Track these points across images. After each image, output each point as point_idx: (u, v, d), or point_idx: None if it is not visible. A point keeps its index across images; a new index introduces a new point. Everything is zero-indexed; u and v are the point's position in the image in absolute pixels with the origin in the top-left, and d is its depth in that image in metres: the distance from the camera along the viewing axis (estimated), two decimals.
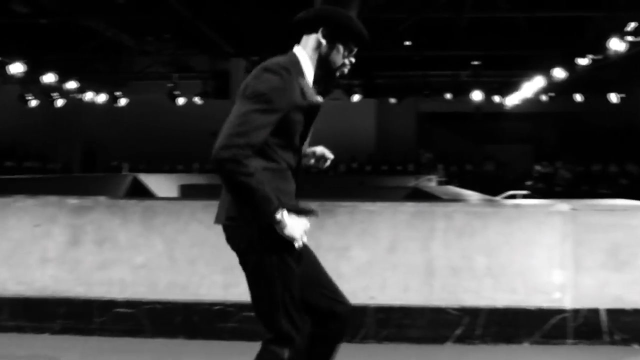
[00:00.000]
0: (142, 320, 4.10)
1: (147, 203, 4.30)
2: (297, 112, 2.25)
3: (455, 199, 5.00)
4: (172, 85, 17.13)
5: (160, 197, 7.94)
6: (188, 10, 11.42)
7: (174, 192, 11.53)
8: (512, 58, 15.31)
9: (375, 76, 16.45)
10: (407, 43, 13.85)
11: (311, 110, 2.33)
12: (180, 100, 17.52)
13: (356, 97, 17.00)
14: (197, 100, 17.58)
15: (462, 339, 4.04)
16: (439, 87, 17.66)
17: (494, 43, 14.16)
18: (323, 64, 2.40)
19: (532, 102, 18.05)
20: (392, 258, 4.07)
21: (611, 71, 14.46)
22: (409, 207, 4.10)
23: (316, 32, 2.37)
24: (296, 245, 2.21)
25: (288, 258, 2.23)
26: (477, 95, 17.41)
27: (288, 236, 2.18)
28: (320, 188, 11.09)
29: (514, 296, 4.07)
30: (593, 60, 12.77)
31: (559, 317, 4.04)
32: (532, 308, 4.05)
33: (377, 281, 4.04)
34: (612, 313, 4.03)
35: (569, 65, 13.60)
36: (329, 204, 4.16)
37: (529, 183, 17.13)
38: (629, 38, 11.05)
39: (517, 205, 4.15)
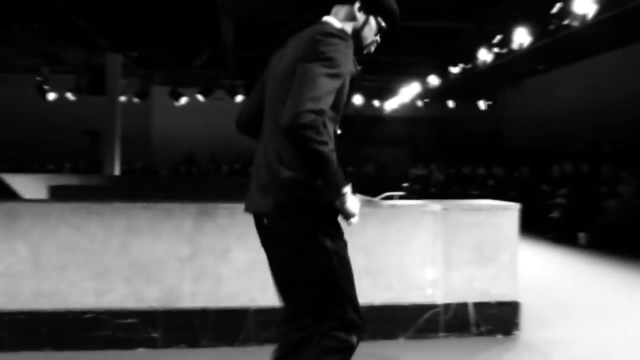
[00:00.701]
0: (1, 333, 3.79)
1: (9, 205, 3.97)
2: (349, 80, 2.15)
3: None
4: (41, 79, 16.01)
5: (25, 199, 7.38)
6: None
7: (42, 194, 10.79)
8: (391, 64, 15.87)
9: (259, 77, 16.30)
10: None
11: (356, 80, 2.24)
12: (51, 96, 16.42)
13: (240, 98, 16.85)
14: (69, 95, 16.57)
15: None
16: None
17: (375, 49, 14.62)
18: (354, 37, 2.27)
19: (409, 107, 18.88)
20: None
21: (480, 80, 15.43)
22: None
23: (351, 3, 2.27)
24: (354, 221, 2.11)
25: (344, 245, 2.15)
26: (357, 99, 17.89)
27: (348, 211, 2.07)
28: (201, 190, 10.87)
29: (390, 293, 4.21)
30: (464, 68, 13.55)
31: (431, 312, 4.23)
32: (407, 304, 4.22)
33: (259, 283, 4.00)
34: (479, 306, 4.29)
35: (443, 73, 14.34)
36: (209, 206, 4.07)
37: (406, 184, 17.87)
38: (495, 49, 11.85)
39: (393, 206, 4.28)
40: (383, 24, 2.36)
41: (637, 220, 8.00)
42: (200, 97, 16.62)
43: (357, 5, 2.28)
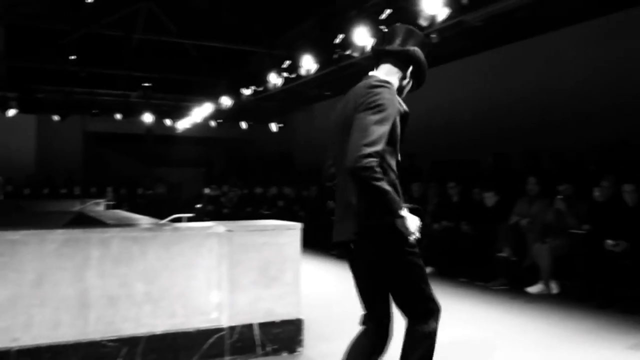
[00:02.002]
0: None
1: None
2: (398, 118, 2.58)
3: (118, 224, 4.77)
4: None
5: None
6: None
7: None
8: (183, 83, 15.67)
9: (35, 90, 15.01)
10: (73, 57, 12.99)
11: (405, 117, 2.66)
12: None
13: (12, 112, 15.26)
14: None
15: None
16: (108, 106, 17.02)
17: (165, 66, 14.30)
18: (398, 86, 2.75)
19: (202, 127, 18.73)
20: (40, 292, 3.67)
21: (271, 102, 15.90)
22: (59, 234, 3.74)
23: (405, 67, 2.76)
24: (413, 237, 2.55)
25: (417, 253, 2.62)
26: (148, 118, 17.29)
27: (407, 229, 2.51)
28: None
29: (173, 320, 4.05)
30: (255, 91, 13.86)
31: (216, 336, 4.15)
32: (191, 330, 4.09)
33: (22, 320, 3.58)
34: (264, 326, 4.31)
35: (235, 94, 14.51)
36: None
37: (199, 205, 17.63)
38: (285, 74, 12.31)
39: (176, 229, 4.14)
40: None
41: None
42: None
43: (408, 70, 2.79)
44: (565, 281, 6.68)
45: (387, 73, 2.75)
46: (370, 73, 2.77)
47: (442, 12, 7.73)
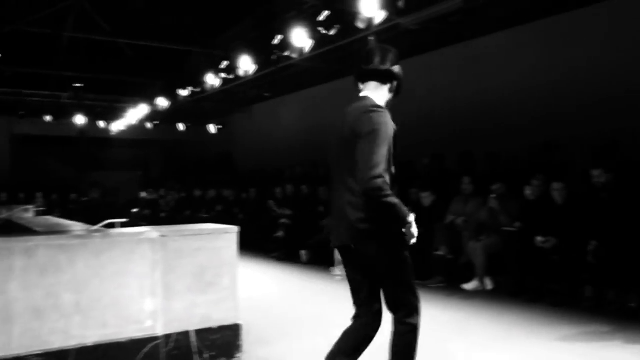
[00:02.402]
0: None
1: None
2: (392, 139, 2.91)
3: (45, 232, 4.56)
4: None
5: None
6: None
7: None
8: (117, 83, 15.21)
9: None
10: None
11: (396, 134, 2.96)
12: None
13: None
14: None
15: None
16: (38, 108, 16.33)
17: (98, 66, 13.85)
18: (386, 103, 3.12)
19: (138, 129, 18.22)
20: None
21: (209, 103, 15.65)
22: None
23: (390, 83, 3.12)
24: (414, 240, 2.97)
25: (407, 252, 3.01)
26: (80, 119, 16.70)
27: (411, 234, 2.93)
28: None
29: (105, 330, 3.90)
30: (193, 92, 13.60)
31: (151, 345, 4.03)
32: (125, 340, 3.95)
33: None
34: (201, 333, 4.22)
35: (172, 95, 14.20)
36: None
37: (135, 210, 17.17)
38: (223, 75, 12.13)
39: (106, 236, 3.99)
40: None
41: None
42: None
43: (391, 86, 3.14)
44: (499, 277, 6.87)
45: (374, 90, 3.11)
46: (362, 94, 3.12)
47: (379, 15, 7.80)
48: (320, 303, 6.49)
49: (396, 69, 3.14)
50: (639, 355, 4.24)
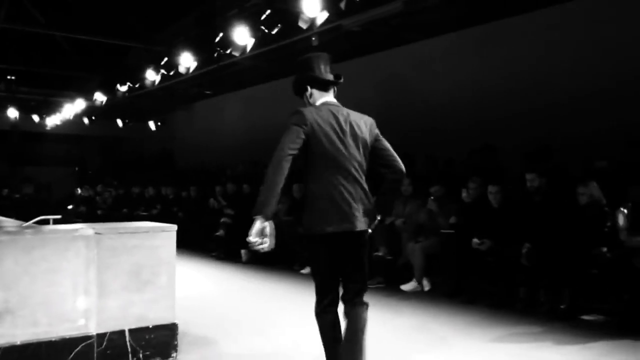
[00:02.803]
0: None
1: None
2: None
3: None
4: None
5: None
6: None
7: None
8: (53, 77, 14.71)
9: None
10: None
11: None
12: None
13: None
14: None
15: None
16: None
17: (32, 59, 13.35)
18: None
19: (74, 124, 17.65)
20: None
21: (149, 99, 15.33)
22: None
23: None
24: None
25: None
26: (12, 113, 16.04)
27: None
28: None
29: (35, 329, 3.77)
30: (132, 87, 13.30)
31: (83, 344, 3.91)
32: (56, 339, 3.82)
33: None
34: (136, 332, 4.13)
35: (110, 90, 13.84)
36: None
37: (71, 207, 16.66)
38: (163, 71, 11.92)
39: (37, 232, 3.85)
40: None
41: (288, 236, 8.82)
42: None
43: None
44: (436, 278, 7.01)
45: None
46: (333, 100, 3.31)
47: (321, 16, 7.84)
48: (259, 303, 6.47)
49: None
50: (568, 355, 4.38)
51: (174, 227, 4.37)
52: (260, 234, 2.95)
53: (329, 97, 3.29)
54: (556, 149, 7.13)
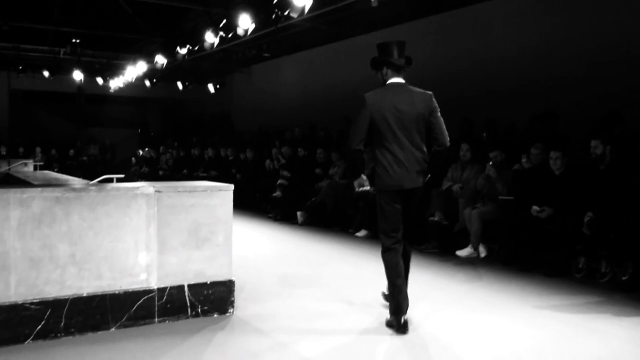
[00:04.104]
0: None
1: None
2: None
3: (40, 185, 4.57)
4: None
5: None
6: None
7: None
8: (116, 40, 15.00)
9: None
10: None
11: None
12: None
13: None
14: None
15: (45, 335, 3.74)
16: (36, 63, 16.13)
17: (96, 22, 13.65)
18: None
19: (137, 87, 18.04)
20: None
21: (208, 62, 15.49)
22: None
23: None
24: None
25: None
26: (78, 76, 16.53)
27: None
28: None
29: (100, 282, 3.96)
30: (191, 50, 13.43)
31: (145, 297, 4.09)
32: (119, 292, 4.00)
33: None
34: (195, 288, 4.27)
35: (170, 53, 14.02)
36: None
37: (134, 167, 17.20)
38: (222, 33, 11.96)
39: (101, 190, 4.00)
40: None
41: (344, 199, 8.85)
42: None
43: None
44: (493, 245, 6.91)
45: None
46: (403, 81, 4.16)
47: None
48: (314, 264, 6.55)
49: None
50: (629, 328, 4.25)
51: (231, 187, 4.46)
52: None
53: (399, 78, 4.14)
54: (626, 116, 6.79)
